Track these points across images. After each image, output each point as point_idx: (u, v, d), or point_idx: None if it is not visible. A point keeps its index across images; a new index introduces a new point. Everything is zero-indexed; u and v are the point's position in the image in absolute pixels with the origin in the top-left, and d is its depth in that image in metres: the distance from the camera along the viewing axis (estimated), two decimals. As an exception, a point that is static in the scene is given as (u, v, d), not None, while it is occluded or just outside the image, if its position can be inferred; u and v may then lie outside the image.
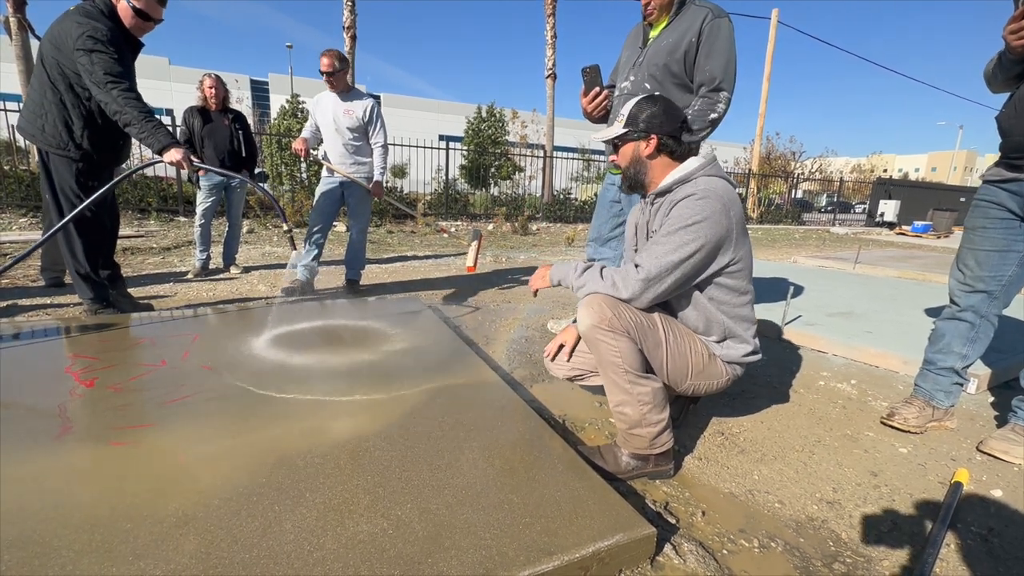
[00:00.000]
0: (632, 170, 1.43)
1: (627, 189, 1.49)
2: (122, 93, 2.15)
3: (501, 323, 2.84)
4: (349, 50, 10.89)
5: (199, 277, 3.85)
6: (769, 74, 14.56)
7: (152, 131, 2.21)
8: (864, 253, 6.40)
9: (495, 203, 11.47)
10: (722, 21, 1.84)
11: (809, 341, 2.63)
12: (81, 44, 2.11)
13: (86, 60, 2.12)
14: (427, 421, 1.46)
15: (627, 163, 1.44)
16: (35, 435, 1.31)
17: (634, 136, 1.39)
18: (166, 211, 7.95)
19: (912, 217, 14.53)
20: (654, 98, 1.42)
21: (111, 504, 1.05)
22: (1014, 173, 1.54)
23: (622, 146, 1.44)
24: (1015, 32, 1.38)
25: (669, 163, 1.40)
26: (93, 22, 2.16)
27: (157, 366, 1.81)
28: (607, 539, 0.98)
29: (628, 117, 1.40)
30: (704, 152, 1.42)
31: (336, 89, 3.24)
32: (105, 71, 2.13)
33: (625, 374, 1.27)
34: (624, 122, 1.40)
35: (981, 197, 1.64)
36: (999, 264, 1.59)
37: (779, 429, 1.70)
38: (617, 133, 1.42)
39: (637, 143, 1.40)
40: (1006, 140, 1.55)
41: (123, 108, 2.16)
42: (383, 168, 3.39)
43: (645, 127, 1.37)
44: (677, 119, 1.39)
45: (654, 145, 1.38)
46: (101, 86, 2.13)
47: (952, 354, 1.70)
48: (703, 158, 1.39)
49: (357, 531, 0.98)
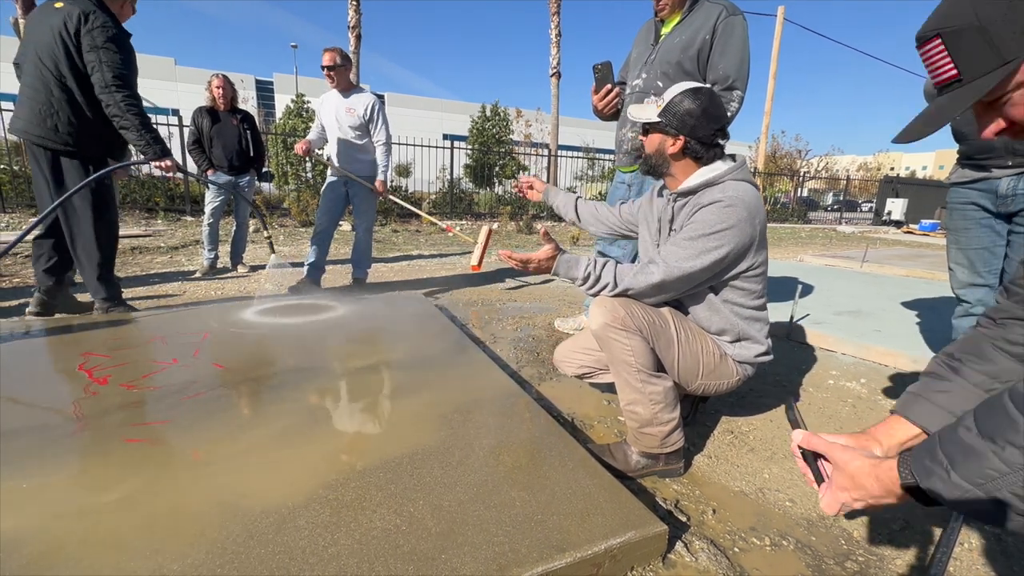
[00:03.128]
0: (654, 160, 1.39)
1: (644, 171, 1.45)
2: (126, 99, 2.18)
3: (507, 322, 2.84)
4: (354, 49, 10.93)
5: (207, 276, 3.88)
6: (775, 72, 14.48)
7: (151, 142, 2.27)
8: (871, 252, 6.36)
9: (500, 202, 11.48)
10: (736, 19, 1.82)
11: (817, 340, 2.62)
12: (92, 40, 2.10)
13: (94, 56, 2.12)
14: (436, 419, 1.46)
15: (651, 151, 1.39)
16: (51, 432, 1.33)
17: (665, 129, 1.34)
18: (173, 210, 8.00)
19: (920, 215, 14.43)
20: (699, 93, 1.31)
21: (127, 500, 1.06)
22: (982, 173, 1.61)
23: (651, 132, 1.38)
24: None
25: (692, 164, 1.35)
26: (104, 15, 2.15)
27: (169, 364, 1.83)
28: (619, 536, 0.99)
29: (667, 106, 1.32)
30: (735, 154, 1.39)
31: (338, 86, 3.24)
32: (114, 73, 2.14)
33: (637, 373, 1.27)
34: (662, 109, 1.33)
35: (955, 200, 1.71)
36: (991, 259, 1.66)
37: (789, 428, 1.69)
38: (650, 120, 1.35)
39: (665, 137, 1.34)
40: (968, 144, 1.64)
41: (124, 114, 2.18)
42: (385, 166, 3.39)
43: (678, 125, 1.31)
44: (716, 123, 1.31)
45: (680, 147, 1.33)
46: (106, 87, 2.14)
47: None
48: (732, 162, 1.36)
49: (371, 527, 0.99)
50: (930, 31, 0.67)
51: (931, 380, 0.84)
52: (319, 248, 3.38)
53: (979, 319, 0.86)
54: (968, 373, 0.80)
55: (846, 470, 0.71)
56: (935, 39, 0.66)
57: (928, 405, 0.81)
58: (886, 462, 0.68)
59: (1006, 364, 0.77)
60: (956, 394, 0.79)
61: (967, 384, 0.79)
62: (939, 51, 0.66)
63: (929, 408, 0.80)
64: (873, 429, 0.83)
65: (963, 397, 0.78)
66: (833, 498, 0.71)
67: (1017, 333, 0.78)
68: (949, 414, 0.77)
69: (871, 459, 0.70)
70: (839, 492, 0.71)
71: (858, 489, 0.69)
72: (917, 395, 0.83)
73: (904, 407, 0.83)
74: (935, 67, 0.68)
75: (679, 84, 1.37)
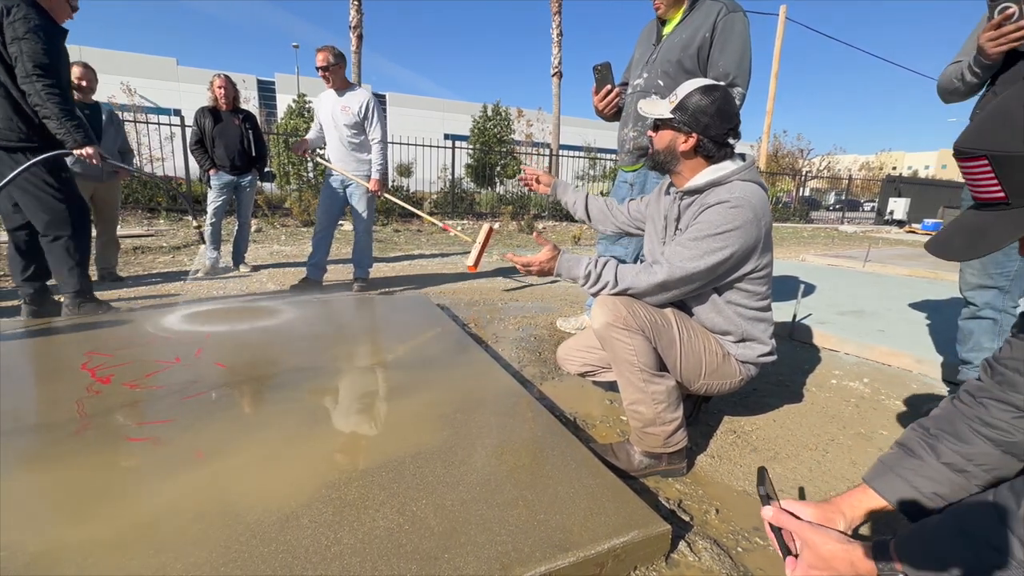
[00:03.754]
0: (663, 156, 1.36)
1: (650, 166, 1.43)
2: (46, 87, 2.16)
3: (509, 321, 2.84)
4: (355, 49, 10.93)
5: (209, 275, 3.88)
6: (777, 71, 14.45)
7: (71, 130, 2.25)
8: (874, 251, 6.35)
9: (501, 202, 11.47)
10: (736, 16, 1.82)
11: (820, 340, 2.61)
12: (13, 32, 2.09)
13: (16, 48, 2.11)
14: (438, 418, 1.46)
15: (661, 147, 1.36)
16: (54, 431, 1.33)
17: (677, 126, 1.31)
18: (175, 210, 8.02)
19: (922, 215, 14.40)
20: (714, 91, 1.28)
21: (130, 499, 1.06)
22: None
23: (662, 128, 1.35)
24: (993, 39, 1.44)
25: (701, 163, 1.34)
26: (26, 7, 2.13)
27: (171, 363, 1.83)
28: (622, 536, 0.98)
29: (680, 102, 1.29)
30: (744, 153, 1.38)
31: (333, 85, 3.22)
32: (34, 63, 2.13)
33: (640, 372, 1.27)
34: (675, 106, 1.30)
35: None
36: (1003, 260, 1.64)
37: (792, 428, 1.70)
38: (663, 116, 1.32)
39: (677, 134, 1.32)
40: None
41: (44, 102, 2.18)
42: (381, 164, 3.32)
43: (691, 123, 1.28)
44: (728, 122, 1.29)
45: (692, 144, 1.30)
46: (27, 76, 2.14)
47: (984, 350, 1.73)
48: (740, 161, 1.35)
49: (374, 526, 0.99)
50: (976, 149, 0.65)
51: (903, 454, 0.86)
52: (320, 248, 3.38)
53: (959, 393, 0.87)
54: (942, 451, 0.81)
55: (818, 552, 0.75)
56: (981, 159, 0.65)
57: (897, 480, 0.83)
58: (858, 549, 0.73)
59: (982, 447, 0.78)
60: (926, 473, 0.81)
61: (938, 464, 0.80)
62: (985, 171, 0.65)
63: (899, 484, 0.82)
64: (838, 499, 0.87)
65: (933, 478, 0.80)
66: (804, 573, 0.76)
67: (995, 413, 0.79)
68: (916, 491, 0.80)
69: (842, 543, 0.74)
70: (809, 570, 0.75)
71: (830, 570, 0.74)
72: (888, 468, 0.85)
73: (873, 478, 0.86)
74: (979, 185, 0.66)
75: (693, 80, 1.34)
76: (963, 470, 0.78)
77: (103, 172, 3.34)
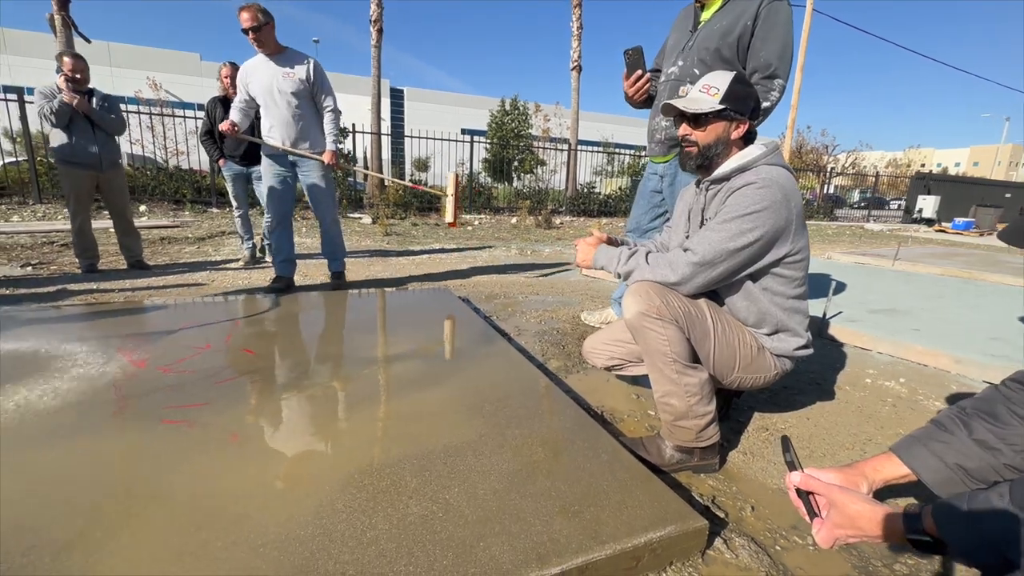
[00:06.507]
0: (714, 150, 1.32)
1: (696, 165, 1.36)
2: None
3: (531, 314, 2.82)
4: (375, 43, 10.97)
5: (249, 266, 3.92)
6: (803, 64, 14.07)
7: None
8: (904, 250, 6.16)
9: (518, 196, 11.44)
10: (781, 4, 1.75)
11: (852, 338, 2.54)
12: None
13: None
14: (467, 409, 1.46)
15: (712, 140, 1.32)
16: (91, 413, 1.36)
17: (730, 115, 1.29)
18: (200, 202, 8.18)
19: (952, 213, 13.91)
20: (743, 78, 1.31)
21: (169, 479, 1.08)
22: None
23: (711, 122, 1.31)
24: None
25: (739, 149, 1.34)
26: None
27: (202, 348, 1.86)
28: (659, 530, 0.96)
29: (727, 93, 1.27)
30: (767, 140, 1.37)
31: (266, 50, 2.74)
32: None
33: (673, 363, 1.24)
34: (722, 97, 1.27)
35: None
36: None
37: (826, 426, 1.65)
38: (713, 108, 1.28)
39: (729, 124, 1.31)
40: None
41: None
42: (335, 134, 2.93)
43: (742, 109, 1.29)
44: (757, 103, 1.35)
45: (744, 130, 1.31)
46: None
47: None
48: (765, 146, 1.33)
49: (407, 512, 0.98)
50: None
51: (935, 429, 0.85)
52: (283, 244, 3.02)
53: (1005, 381, 0.86)
54: (975, 429, 0.79)
55: (845, 511, 0.76)
56: None
57: (924, 451, 0.82)
58: (887, 510, 0.73)
59: (1018, 429, 0.77)
60: (955, 447, 0.79)
61: (969, 440, 0.79)
62: None
63: (924, 454, 0.81)
64: (861, 464, 0.87)
65: (962, 451, 0.78)
66: (829, 533, 0.76)
67: None
68: (943, 463, 0.79)
69: (870, 504, 0.75)
70: (835, 529, 0.76)
71: (855, 529, 0.75)
72: (916, 439, 0.85)
73: (900, 447, 0.86)
74: None
75: (716, 73, 1.34)
76: (994, 448, 0.76)
77: (102, 162, 3.36)
